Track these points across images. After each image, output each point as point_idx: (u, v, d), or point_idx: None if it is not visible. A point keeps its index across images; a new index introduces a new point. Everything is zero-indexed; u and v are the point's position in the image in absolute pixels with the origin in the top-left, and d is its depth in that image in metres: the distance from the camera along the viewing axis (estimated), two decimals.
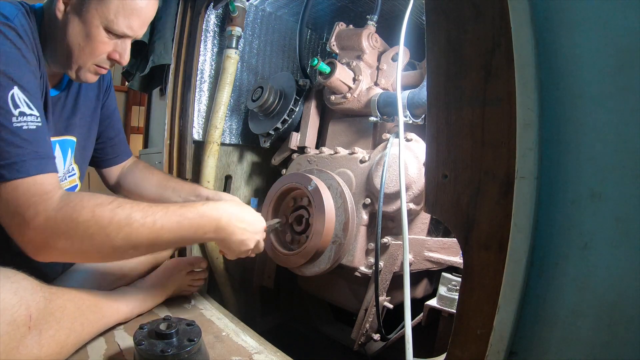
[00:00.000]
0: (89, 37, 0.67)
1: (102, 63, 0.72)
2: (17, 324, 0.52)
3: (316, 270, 0.92)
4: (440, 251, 0.86)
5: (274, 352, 0.74)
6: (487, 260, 0.42)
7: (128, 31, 0.70)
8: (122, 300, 0.78)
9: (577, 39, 0.38)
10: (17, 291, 0.53)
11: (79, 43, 0.68)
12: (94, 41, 0.68)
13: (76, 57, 0.69)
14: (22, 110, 0.57)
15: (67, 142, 0.81)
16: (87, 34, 0.67)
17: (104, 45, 0.69)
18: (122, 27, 0.68)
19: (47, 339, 0.57)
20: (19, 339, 0.52)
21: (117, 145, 0.97)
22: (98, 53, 0.70)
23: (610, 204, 0.36)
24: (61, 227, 0.56)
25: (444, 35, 0.46)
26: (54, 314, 0.59)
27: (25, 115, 0.57)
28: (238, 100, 1.33)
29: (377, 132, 1.03)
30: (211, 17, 1.22)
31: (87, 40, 0.67)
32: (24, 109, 0.57)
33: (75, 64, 0.70)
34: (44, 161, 0.58)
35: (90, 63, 0.71)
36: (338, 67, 0.99)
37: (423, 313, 0.78)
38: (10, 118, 0.55)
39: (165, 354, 0.58)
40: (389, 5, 1.23)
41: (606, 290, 0.36)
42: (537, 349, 0.39)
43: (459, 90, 0.44)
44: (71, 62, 0.69)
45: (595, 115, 0.37)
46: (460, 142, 0.44)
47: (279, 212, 1.02)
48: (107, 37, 0.69)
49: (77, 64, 0.70)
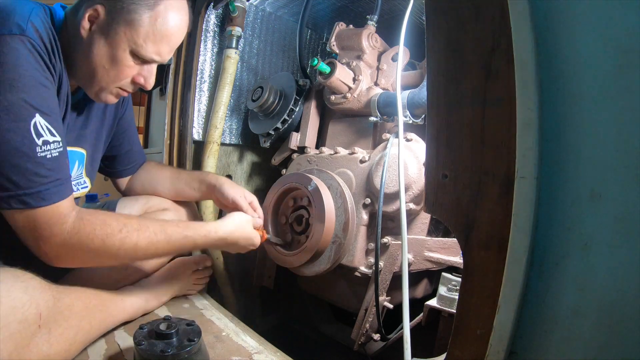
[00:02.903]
0: (115, 60, 0.65)
1: (125, 86, 0.70)
2: (28, 322, 0.52)
3: (316, 270, 0.92)
4: (440, 251, 0.86)
5: (274, 352, 0.74)
6: (487, 260, 0.42)
7: (156, 57, 0.67)
8: (127, 300, 0.78)
9: (577, 39, 0.38)
10: (27, 290, 0.53)
11: (104, 65, 0.65)
12: (119, 65, 0.65)
13: (99, 79, 0.67)
14: (46, 139, 0.58)
15: (76, 153, 0.80)
16: (112, 57, 0.64)
17: (129, 69, 0.67)
18: (151, 53, 0.66)
19: (57, 337, 0.57)
20: (29, 337, 0.53)
21: (133, 156, 0.97)
22: (123, 77, 0.67)
23: (610, 204, 0.36)
24: (75, 249, 0.62)
25: (444, 35, 0.46)
26: (63, 313, 0.59)
27: (49, 143, 0.59)
28: (238, 100, 1.33)
29: (377, 132, 1.03)
30: (211, 17, 1.22)
31: (112, 63, 0.65)
32: (47, 137, 0.58)
33: (97, 85, 0.68)
34: (64, 187, 0.61)
35: (113, 86, 0.68)
36: (338, 67, 0.99)
37: (423, 313, 0.78)
38: (34, 148, 0.57)
39: (165, 354, 0.58)
40: (389, 5, 1.23)
41: (606, 290, 0.36)
42: (537, 349, 0.39)
43: (459, 90, 0.44)
44: (93, 82, 0.68)
45: (595, 115, 0.37)
46: (460, 142, 0.44)
47: (279, 212, 1.02)
48: (133, 61, 0.66)
49: (99, 85, 0.68)
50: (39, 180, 0.57)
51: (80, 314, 0.63)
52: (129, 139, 0.95)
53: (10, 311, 0.50)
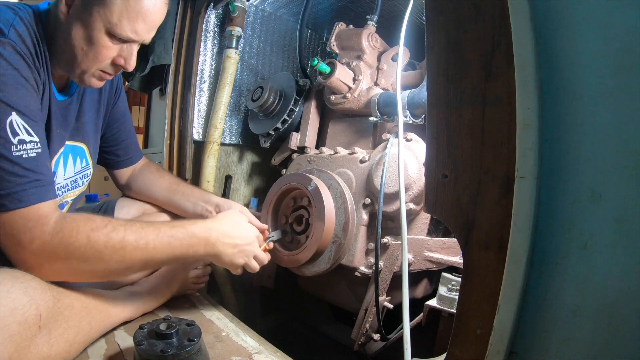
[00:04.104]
0: (92, 41, 0.64)
1: (106, 69, 0.69)
2: (28, 323, 0.52)
3: (316, 270, 0.92)
4: (440, 251, 0.86)
5: (274, 352, 0.74)
6: (487, 260, 0.42)
7: (133, 35, 0.66)
8: (127, 300, 0.78)
9: (577, 39, 0.38)
10: (27, 291, 0.53)
11: (82, 47, 0.65)
12: (97, 46, 0.65)
13: (79, 61, 0.66)
14: (22, 138, 0.56)
15: (76, 148, 0.81)
16: (89, 39, 0.64)
17: (107, 50, 0.66)
18: (127, 32, 0.65)
19: (57, 337, 0.57)
20: (30, 338, 0.52)
21: (129, 148, 0.97)
22: (101, 58, 0.67)
23: (610, 204, 0.36)
24: (57, 251, 0.58)
25: (444, 35, 0.46)
26: (63, 313, 0.59)
27: (25, 142, 0.57)
28: (238, 100, 1.33)
29: (377, 132, 1.03)
30: (211, 17, 1.22)
31: (89, 45, 0.65)
32: (24, 136, 0.57)
33: (78, 69, 0.68)
34: (44, 189, 0.59)
35: (94, 68, 0.68)
36: (338, 67, 0.99)
37: (423, 313, 0.78)
38: (9, 147, 0.55)
39: (165, 354, 0.58)
40: (389, 5, 1.23)
41: (606, 290, 0.36)
42: (537, 349, 0.39)
43: (459, 90, 0.44)
44: (74, 66, 0.67)
45: (595, 115, 0.37)
46: (460, 142, 0.44)
47: (279, 212, 1.02)
48: (110, 41, 0.65)
49: (80, 68, 0.68)
50: (14, 181, 0.55)
51: (80, 314, 0.63)
52: (125, 129, 0.95)
53: (10, 312, 0.49)
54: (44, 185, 0.59)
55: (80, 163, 0.83)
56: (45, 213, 0.58)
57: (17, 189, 0.55)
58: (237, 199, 1.38)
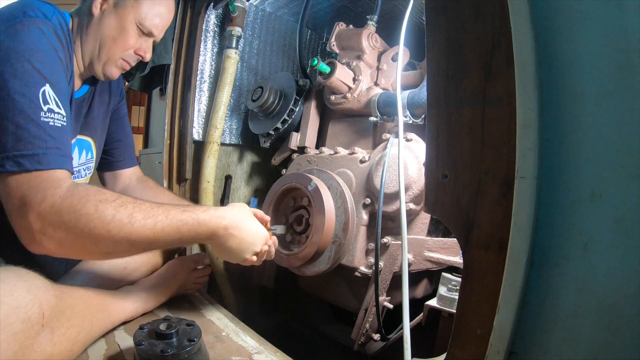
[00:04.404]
0: (123, 30, 0.76)
1: (128, 58, 0.80)
2: (31, 321, 0.52)
3: (316, 270, 0.92)
4: (440, 251, 0.86)
5: (274, 352, 0.74)
6: (487, 260, 0.42)
7: (154, 30, 0.80)
8: (127, 299, 0.78)
9: (577, 39, 0.38)
10: (30, 289, 0.53)
11: (113, 36, 0.76)
12: (126, 34, 0.77)
13: (108, 48, 0.77)
14: (51, 107, 0.60)
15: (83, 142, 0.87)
16: (122, 28, 0.76)
17: (133, 40, 0.78)
18: (151, 26, 0.79)
19: (59, 336, 0.57)
20: (33, 337, 0.52)
21: (124, 149, 0.99)
22: (128, 46, 0.78)
23: (610, 204, 0.35)
24: (64, 216, 0.56)
25: (444, 35, 0.46)
26: (65, 312, 0.59)
27: (54, 112, 0.60)
28: (238, 100, 1.33)
29: (377, 132, 1.03)
30: (211, 17, 1.22)
31: (121, 33, 0.76)
32: (53, 107, 0.60)
33: (105, 56, 0.77)
34: (63, 158, 0.61)
35: (119, 56, 0.78)
36: (338, 67, 0.99)
37: (423, 313, 0.78)
38: (39, 112, 0.58)
39: (165, 354, 0.58)
40: (389, 5, 1.23)
41: (606, 290, 0.36)
42: (537, 349, 0.39)
43: (459, 90, 0.44)
44: (102, 54, 0.77)
45: (595, 115, 0.37)
46: (460, 142, 0.44)
47: (279, 212, 1.02)
48: (137, 32, 0.78)
49: (107, 55, 0.77)
50: (38, 144, 0.57)
51: (82, 313, 0.63)
52: (122, 130, 0.98)
53: (13, 311, 0.49)
54: (63, 155, 0.61)
55: (85, 155, 0.88)
56: (60, 178, 0.59)
57: (39, 151, 0.57)
58: (237, 199, 1.38)
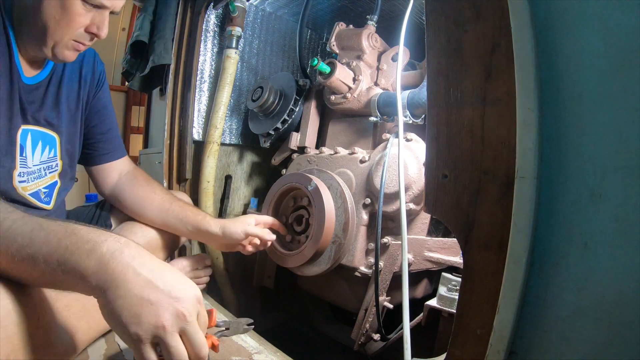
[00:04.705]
0: (65, 8, 0.64)
1: (80, 38, 0.68)
2: (25, 324, 0.51)
3: (316, 270, 0.92)
4: (440, 251, 0.86)
5: (274, 352, 0.74)
6: (487, 260, 0.42)
7: (105, 2, 0.66)
8: None
9: (577, 39, 0.38)
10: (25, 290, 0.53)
11: (54, 16, 0.64)
12: (70, 13, 0.64)
13: (52, 32, 0.65)
14: None
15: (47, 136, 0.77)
16: (62, 6, 0.64)
17: (80, 17, 0.66)
18: None
19: (55, 338, 0.57)
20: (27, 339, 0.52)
21: (110, 141, 0.91)
22: (75, 26, 0.66)
23: (610, 204, 0.36)
24: None
25: (444, 35, 0.46)
26: (61, 313, 0.59)
27: None
28: (238, 100, 1.33)
29: (377, 132, 1.03)
30: (211, 17, 1.22)
31: (62, 12, 0.64)
32: None
33: (51, 40, 0.66)
34: None
35: (67, 38, 0.67)
36: (338, 67, 0.99)
37: (423, 313, 0.78)
38: None
39: None
40: (389, 5, 1.23)
41: (606, 290, 0.36)
42: (537, 349, 0.39)
43: (459, 90, 0.44)
44: (46, 38, 0.66)
45: (595, 115, 0.37)
46: (460, 142, 0.44)
47: (279, 212, 1.02)
48: (83, 8, 0.65)
49: (53, 39, 0.66)
50: None
51: (79, 314, 0.63)
52: (105, 121, 0.89)
53: (7, 313, 0.49)
54: None
55: (48, 153, 0.79)
56: None
57: None
58: (237, 199, 1.38)
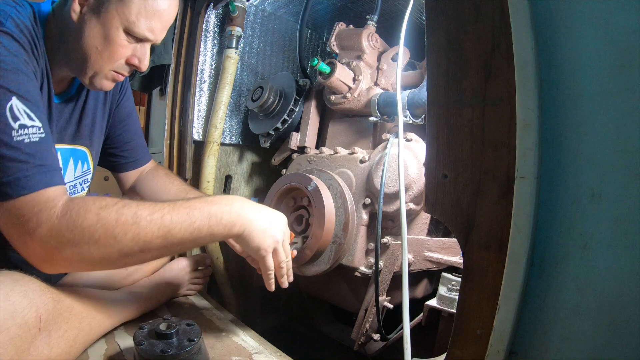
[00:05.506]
0: (108, 40, 0.64)
1: (119, 69, 0.68)
2: (28, 326, 0.52)
3: (316, 270, 0.92)
4: (440, 251, 0.86)
5: (274, 352, 0.74)
6: (487, 260, 0.42)
7: (149, 34, 0.66)
8: (127, 300, 0.78)
9: (577, 39, 0.38)
10: (27, 294, 0.53)
11: (97, 46, 0.64)
12: (113, 44, 0.64)
13: (93, 61, 0.65)
14: (23, 123, 0.53)
15: (78, 151, 0.78)
16: (105, 37, 0.63)
17: (123, 49, 0.66)
18: (143, 30, 0.65)
19: (57, 339, 0.57)
20: (30, 341, 0.52)
21: (135, 149, 0.93)
22: (117, 57, 0.66)
23: (610, 204, 0.36)
24: (65, 235, 0.52)
25: (444, 35, 0.46)
26: (63, 315, 0.59)
27: (26, 127, 0.54)
28: (238, 100, 1.33)
29: (377, 132, 1.03)
30: (211, 17, 1.22)
31: (105, 43, 0.64)
32: (25, 121, 0.54)
33: (91, 70, 0.66)
34: (50, 174, 0.55)
35: (107, 69, 0.67)
36: (338, 67, 0.99)
37: (423, 313, 0.78)
38: (10, 132, 0.52)
39: (165, 354, 0.58)
40: (389, 5, 1.23)
41: (606, 290, 0.36)
42: (537, 349, 0.39)
43: (459, 90, 0.44)
44: (87, 67, 0.66)
45: (595, 115, 0.37)
46: (460, 142, 0.44)
47: None
48: (126, 40, 0.65)
49: (93, 69, 0.66)
50: (16, 167, 0.51)
51: (80, 315, 0.63)
52: (129, 130, 0.90)
53: (10, 315, 0.49)
54: (49, 171, 0.54)
55: (81, 167, 0.81)
56: (53, 197, 0.53)
57: (19, 175, 0.51)
58: None
